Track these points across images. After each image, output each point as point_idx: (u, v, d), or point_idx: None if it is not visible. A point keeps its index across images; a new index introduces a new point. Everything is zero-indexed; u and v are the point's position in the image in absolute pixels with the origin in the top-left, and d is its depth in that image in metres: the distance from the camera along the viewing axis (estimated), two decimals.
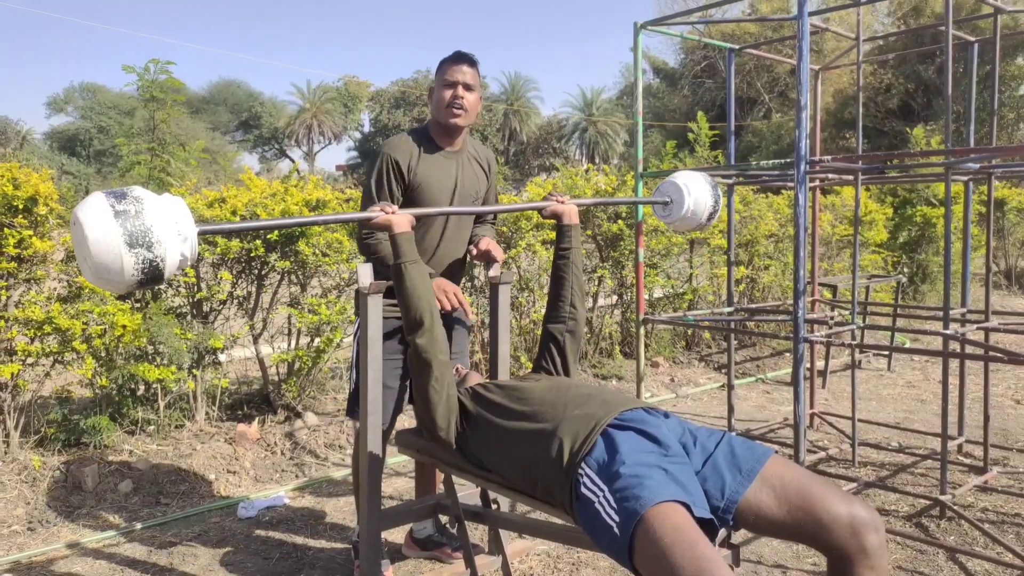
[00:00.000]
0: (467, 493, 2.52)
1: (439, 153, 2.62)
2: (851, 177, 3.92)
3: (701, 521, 1.53)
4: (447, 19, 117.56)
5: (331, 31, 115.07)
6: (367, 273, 2.29)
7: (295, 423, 4.21)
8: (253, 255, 4.01)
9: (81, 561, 2.88)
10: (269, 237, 4.00)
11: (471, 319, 2.45)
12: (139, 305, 3.84)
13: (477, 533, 2.97)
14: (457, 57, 2.60)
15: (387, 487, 3.51)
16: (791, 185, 4.13)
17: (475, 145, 2.77)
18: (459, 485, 2.42)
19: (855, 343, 3.06)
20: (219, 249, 3.91)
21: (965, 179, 3.58)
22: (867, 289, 5.81)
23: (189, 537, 3.08)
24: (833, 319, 4.07)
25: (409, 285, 2.15)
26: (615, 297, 6.01)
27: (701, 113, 7.27)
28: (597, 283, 5.75)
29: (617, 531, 1.55)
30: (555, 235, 2.54)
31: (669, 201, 3.01)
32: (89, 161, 32.90)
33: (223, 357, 4.25)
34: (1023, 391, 5.24)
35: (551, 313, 2.46)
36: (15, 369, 3.43)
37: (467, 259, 2.74)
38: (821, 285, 5.55)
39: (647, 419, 1.82)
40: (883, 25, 22.69)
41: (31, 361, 3.57)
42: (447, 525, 2.93)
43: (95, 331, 3.57)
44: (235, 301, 4.24)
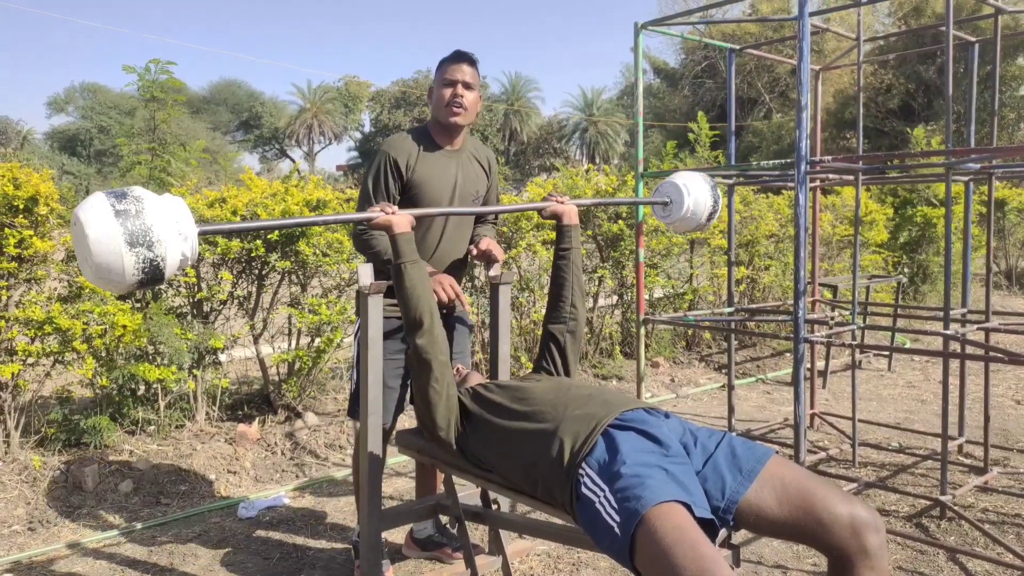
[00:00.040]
0: (467, 493, 2.52)
1: (439, 152, 2.62)
2: (851, 177, 3.92)
3: (702, 521, 1.53)
4: (447, 19, 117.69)
5: (331, 31, 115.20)
6: (367, 273, 2.30)
7: (295, 423, 4.21)
8: (253, 255, 4.01)
9: (81, 561, 2.88)
10: (270, 237, 4.00)
11: (467, 310, 2.44)
12: (139, 305, 3.85)
13: (477, 533, 2.97)
14: (457, 56, 2.60)
15: (387, 487, 3.51)
16: (791, 185, 4.14)
17: (475, 144, 2.77)
18: (459, 485, 2.42)
19: (855, 343, 3.06)
20: (219, 249, 3.91)
21: (966, 179, 3.58)
22: (867, 289, 5.81)
23: (189, 537, 3.08)
24: (833, 319, 4.07)
25: (409, 285, 2.15)
26: (615, 297, 6.01)
27: (701, 113, 7.28)
28: (597, 283, 5.75)
29: (618, 531, 1.55)
30: (555, 235, 2.54)
31: (669, 201, 3.01)
32: (90, 161, 32.94)
33: (223, 357, 4.25)
34: (1023, 391, 5.24)
35: (551, 313, 2.46)
36: (15, 369, 3.43)
37: (467, 259, 2.73)
38: (821, 285, 5.55)
39: (648, 419, 1.82)
40: (884, 25, 22.70)
41: (31, 361, 3.57)
42: (447, 525, 2.93)
43: (95, 331, 3.57)
44: (235, 301, 4.24)
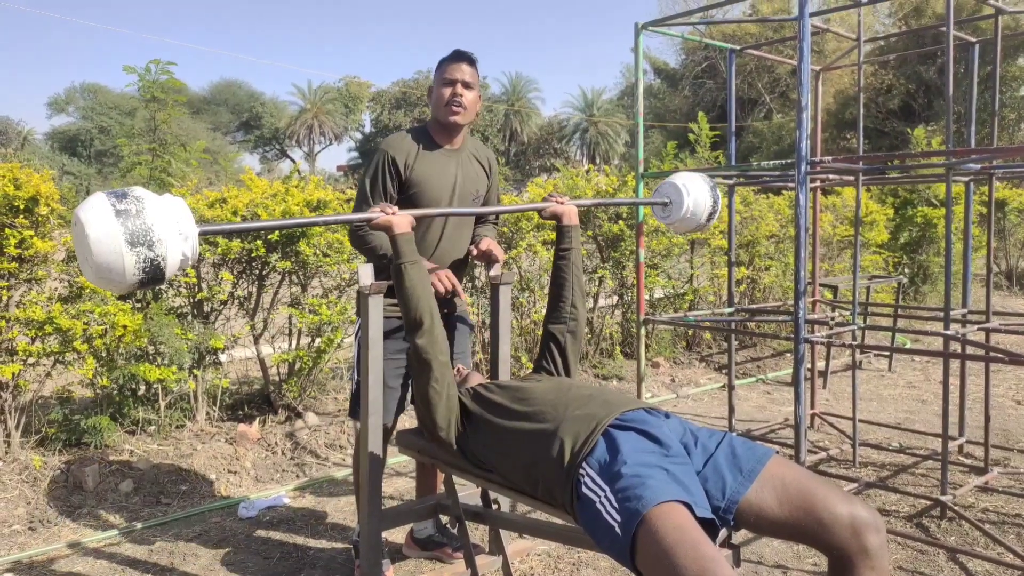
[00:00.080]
0: (468, 493, 2.52)
1: (438, 151, 2.62)
2: (852, 178, 3.92)
3: (703, 521, 1.53)
4: (448, 19, 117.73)
5: (332, 32, 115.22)
6: (368, 273, 2.30)
7: (296, 423, 4.21)
8: (254, 255, 4.01)
9: (82, 561, 2.88)
10: (270, 237, 4.00)
11: (468, 308, 2.45)
12: (140, 305, 3.85)
13: (478, 533, 2.97)
14: (456, 56, 2.61)
15: (388, 487, 3.51)
16: (792, 186, 4.13)
17: (476, 144, 2.78)
18: (460, 485, 2.43)
19: (856, 343, 3.06)
20: (220, 249, 3.91)
21: (966, 180, 3.58)
22: (868, 290, 5.81)
23: (190, 537, 3.08)
24: (834, 320, 4.07)
25: (409, 286, 2.15)
26: (616, 297, 6.01)
27: (702, 114, 7.28)
28: (598, 283, 5.75)
29: (619, 531, 1.55)
30: (555, 236, 2.54)
31: (668, 202, 3.01)
32: (90, 161, 32.94)
33: (224, 357, 4.25)
34: (1023, 392, 5.24)
35: (552, 314, 2.46)
36: (16, 369, 3.43)
37: (468, 259, 2.74)
38: (822, 286, 5.55)
39: (648, 419, 1.82)
40: (884, 26, 22.70)
41: (32, 361, 3.57)
42: (448, 525, 2.93)
43: (96, 331, 3.57)
44: (236, 301, 4.24)
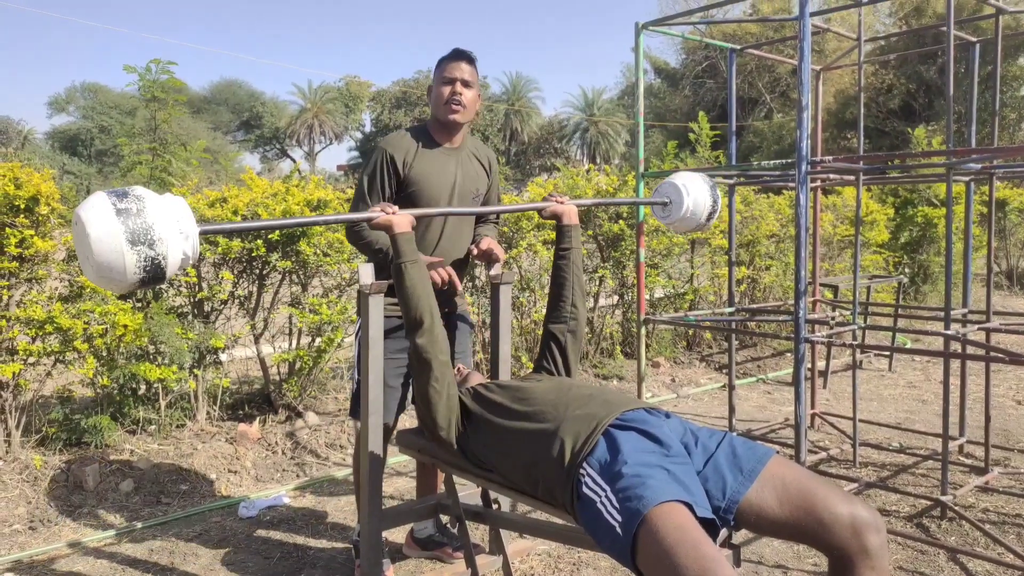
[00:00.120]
0: (468, 493, 2.52)
1: (438, 149, 2.62)
2: (852, 177, 3.92)
3: (703, 521, 1.53)
4: (448, 19, 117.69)
5: (332, 31, 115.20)
6: (368, 273, 2.30)
7: (296, 423, 4.21)
8: (254, 255, 4.01)
9: (82, 560, 2.88)
10: (270, 237, 4.00)
11: (464, 296, 2.45)
12: (140, 305, 3.85)
13: (478, 533, 2.97)
14: (455, 54, 2.61)
15: (388, 487, 3.51)
16: (792, 185, 4.13)
17: (476, 144, 2.78)
18: (460, 485, 2.43)
19: (856, 343, 3.06)
20: (220, 249, 3.91)
21: (966, 179, 3.58)
22: (868, 289, 5.81)
23: (190, 537, 3.08)
24: (834, 319, 4.06)
25: (409, 285, 2.15)
26: (616, 297, 6.01)
27: (702, 113, 7.28)
28: (598, 283, 5.75)
29: (620, 531, 1.55)
30: (555, 235, 2.54)
31: (668, 202, 3.02)
32: (90, 161, 32.93)
33: (224, 357, 4.25)
34: None
35: (552, 313, 2.46)
36: (16, 368, 3.43)
37: (468, 259, 2.74)
38: (822, 285, 5.55)
39: (649, 419, 1.82)
40: (884, 25, 22.70)
41: (32, 360, 3.57)
42: (448, 525, 2.94)
43: (96, 331, 3.57)
44: (236, 301, 4.24)
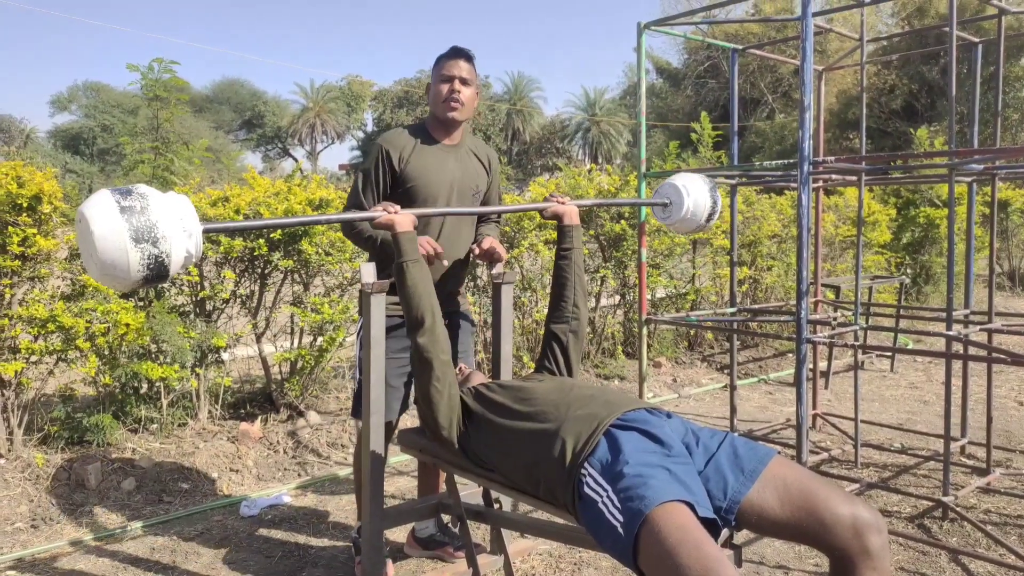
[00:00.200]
0: (469, 492, 2.52)
1: (436, 146, 2.63)
2: (854, 178, 3.92)
3: (704, 521, 1.53)
4: (450, 19, 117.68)
5: (334, 31, 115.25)
6: (370, 272, 2.30)
7: (298, 422, 4.22)
8: (256, 254, 4.02)
9: (84, 559, 2.88)
10: (272, 236, 4.00)
11: (444, 262, 2.44)
12: (142, 304, 3.85)
13: (479, 532, 2.98)
14: (453, 52, 2.61)
15: (389, 486, 3.51)
16: (794, 186, 4.13)
17: (475, 142, 2.78)
18: (461, 484, 2.43)
19: (858, 344, 3.06)
20: (222, 248, 3.92)
21: (969, 180, 3.58)
22: (870, 290, 5.81)
23: (191, 535, 3.08)
24: (836, 320, 4.07)
25: (411, 284, 2.16)
26: (618, 297, 6.01)
27: (704, 113, 7.28)
28: (600, 283, 5.75)
29: (621, 531, 1.55)
30: (556, 236, 2.54)
31: (668, 203, 3.02)
32: (93, 160, 32.95)
33: (226, 356, 4.26)
34: None
35: (553, 313, 2.46)
36: (19, 367, 3.44)
37: (470, 258, 2.74)
38: (824, 286, 5.55)
39: (650, 419, 1.82)
40: (887, 26, 22.68)
41: (35, 359, 3.58)
42: (449, 524, 2.94)
43: (98, 329, 3.58)
44: (238, 300, 4.24)
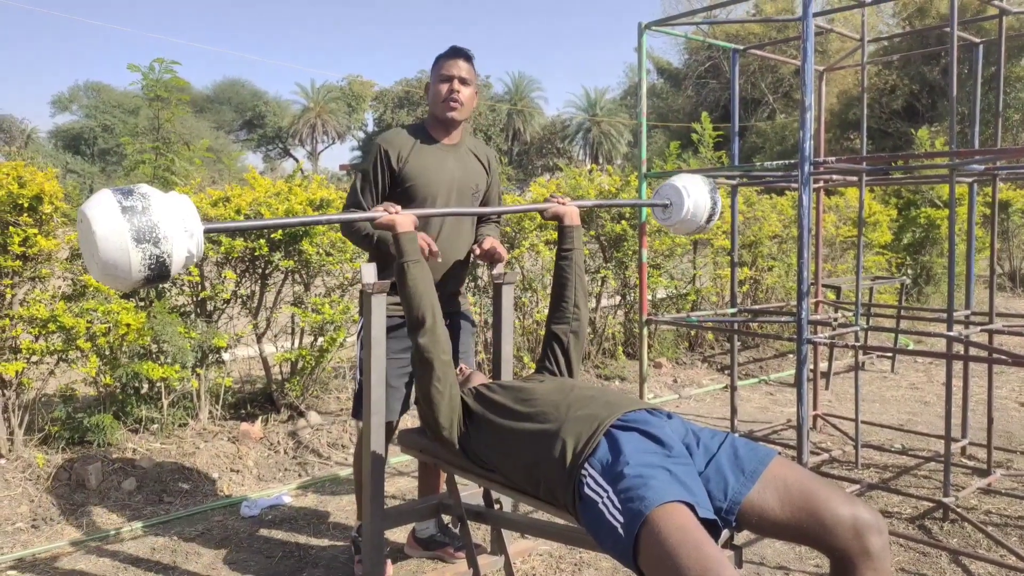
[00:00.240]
0: (470, 493, 2.52)
1: (435, 146, 2.63)
2: (855, 178, 3.92)
3: (705, 522, 1.53)
4: (451, 19, 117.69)
5: (335, 31, 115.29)
6: (371, 272, 2.30)
7: (298, 422, 4.22)
8: (257, 254, 4.02)
9: (85, 559, 2.89)
10: (273, 236, 4.00)
11: (438, 259, 2.44)
12: (143, 304, 3.85)
13: (479, 533, 2.98)
14: (453, 52, 2.62)
15: (390, 486, 3.51)
16: (795, 186, 4.13)
17: (475, 142, 2.79)
18: (462, 485, 2.43)
19: (858, 344, 3.06)
20: (223, 248, 3.92)
21: (970, 181, 3.58)
22: (871, 291, 5.81)
23: (192, 536, 3.08)
24: (837, 321, 4.07)
25: (411, 284, 2.16)
26: (618, 298, 6.01)
27: (705, 114, 7.27)
28: (600, 283, 5.75)
29: (621, 532, 1.55)
30: (557, 236, 2.55)
31: (669, 204, 3.03)
32: (93, 160, 32.95)
33: (226, 356, 4.26)
34: None
35: (554, 314, 2.46)
36: (19, 367, 3.44)
37: (470, 259, 2.74)
38: (825, 286, 5.55)
39: (650, 420, 1.82)
40: (888, 26, 22.68)
41: (35, 359, 3.58)
42: (450, 525, 2.94)
43: (99, 329, 3.58)
44: (239, 300, 4.25)
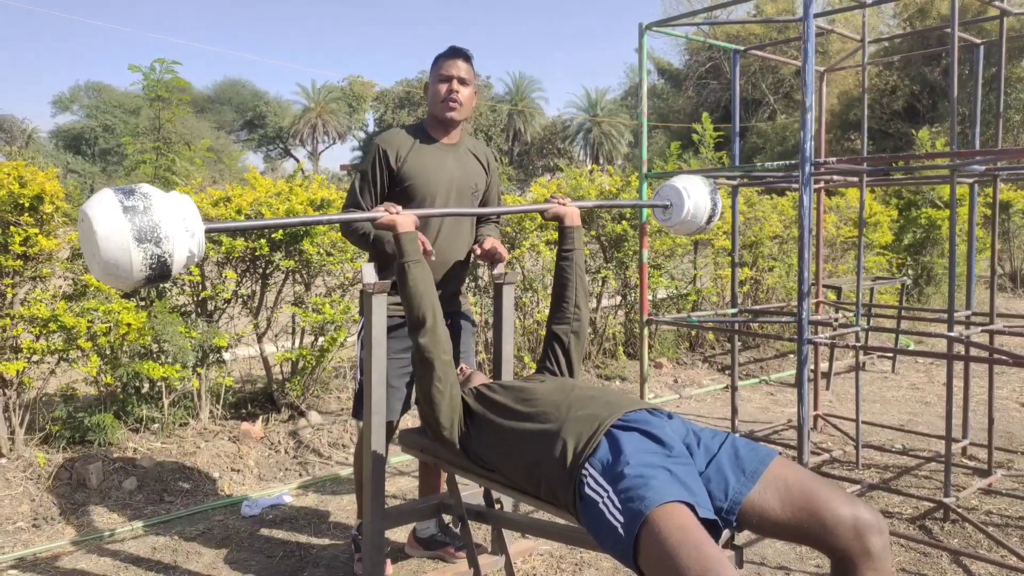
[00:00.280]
0: (470, 493, 2.52)
1: (434, 145, 2.64)
2: (856, 179, 3.92)
3: (705, 522, 1.53)
4: (451, 19, 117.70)
5: (335, 31, 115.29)
6: (371, 272, 2.30)
7: (299, 422, 4.22)
8: (258, 254, 4.02)
9: (85, 558, 2.89)
10: (274, 236, 4.01)
11: (432, 257, 2.44)
12: (144, 303, 3.86)
13: (480, 533, 2.98)
14: (452, 52, 2.62)
15: (391, 486, 3.52)
16: (796, 187, 4.13)
17: (475, 142, 2.79)
18: (462, 485, 2.43)
19: (859, 345, 3.06)
20: (224, 248, 3.92)
21: (970, 181, 3.57)
22: (871, 291, 5.81)
23: (193, 535, 3.09)
24: (837, 321, 4.07)
25: (412, 284, 2.16)
26: (619, 298, 6.01)
27: (706, 114, 7.27)
28: (601, 284, 5.75)
29: (622, 531, 1.55)
30: (557, 237, 2.55)
31: (669, 204, 3.03)
32: (94, 160, 32.96)
33: (227, 356, 4.26)
34: None
35: (555, 314, 2.46)
36: (20, 366, 3.44)
37: (470, 259, 2.74)
38: (825, 287, 5.55)
39: (651, 420, 1.82)
40: (889, 27, 22.67)
41: (36, 358, 3.58)
42: (450, 524, 2.94)
43: (100, 329, 3.58)
44: (239, 300, 4.25)
